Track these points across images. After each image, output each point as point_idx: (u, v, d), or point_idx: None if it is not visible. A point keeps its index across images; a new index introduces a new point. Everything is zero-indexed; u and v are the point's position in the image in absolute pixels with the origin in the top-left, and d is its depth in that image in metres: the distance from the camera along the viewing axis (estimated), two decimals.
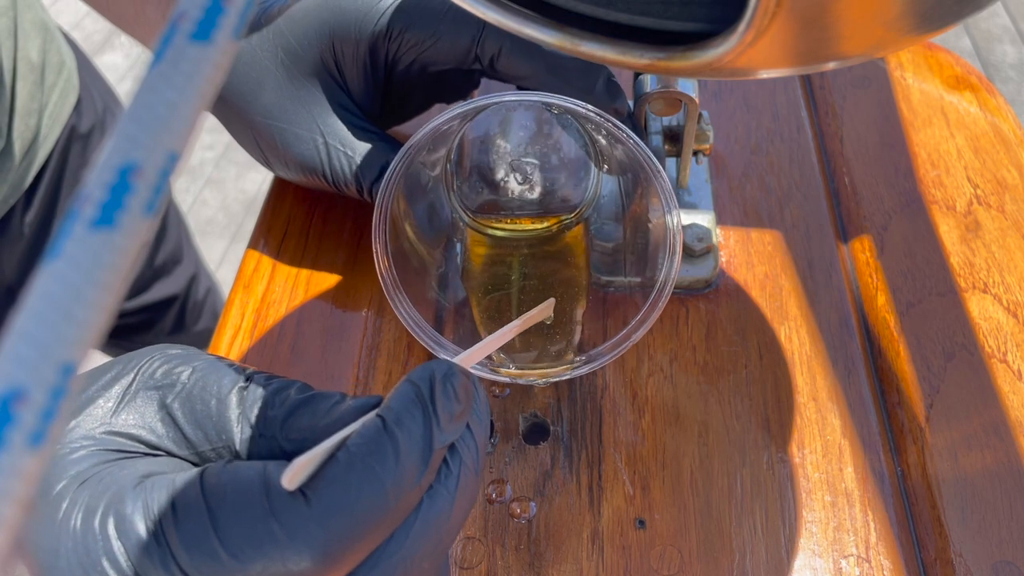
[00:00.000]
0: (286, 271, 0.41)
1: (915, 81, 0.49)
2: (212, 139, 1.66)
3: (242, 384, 0.24)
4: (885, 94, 0.49)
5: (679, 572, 0.31)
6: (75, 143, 0.58)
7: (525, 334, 0.33)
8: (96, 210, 0.11)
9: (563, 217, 0.38)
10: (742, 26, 0.17)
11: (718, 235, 0.41)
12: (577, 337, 0.34)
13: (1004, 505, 0.33)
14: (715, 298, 0.39)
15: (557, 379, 0.32)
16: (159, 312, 0.71)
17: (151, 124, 0.11)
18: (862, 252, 0.41)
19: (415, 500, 0.22)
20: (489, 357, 0.32)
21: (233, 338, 0.38)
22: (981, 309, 0.39)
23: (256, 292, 0.40)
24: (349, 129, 0.38)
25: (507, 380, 0.32)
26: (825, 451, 0.35)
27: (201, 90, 0.12)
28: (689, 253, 0.39)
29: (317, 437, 0.22)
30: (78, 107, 0.58)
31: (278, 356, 0.38)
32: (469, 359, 0.26)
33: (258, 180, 1.60)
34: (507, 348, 0.33)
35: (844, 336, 0.38)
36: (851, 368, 0.37)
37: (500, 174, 0.37)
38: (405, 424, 0.21)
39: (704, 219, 0.41)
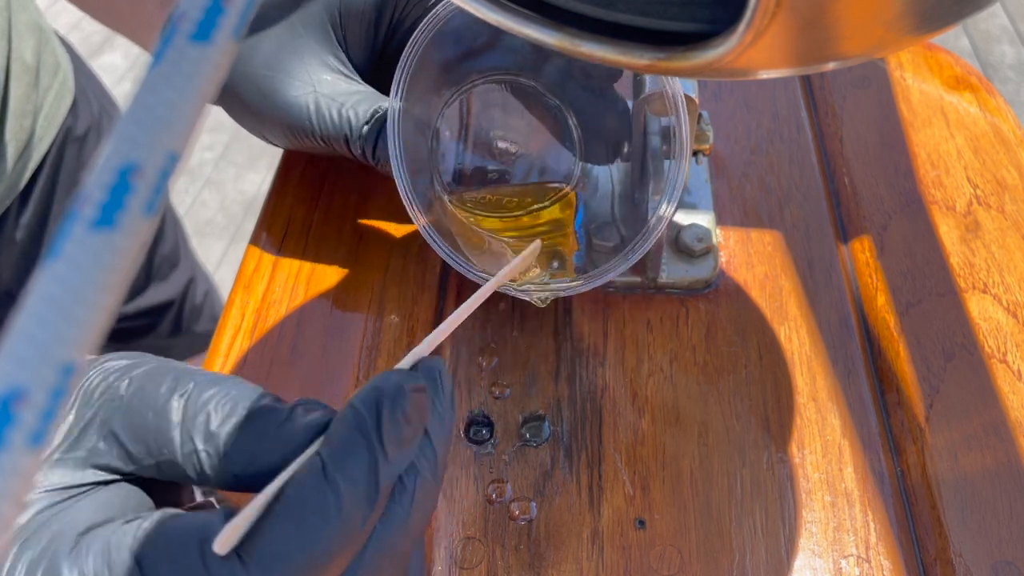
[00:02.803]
0: (286, 271, 0.41)
1: (915, 81, 0.49)
2: (211, 140, 1.66)
3: (181, 392, 0.23)
4: (885, 94, 0.49)
5: (679, 572, 0.31)
6: (70, 145, 0.58)
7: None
8: (96, 211, 0.11)
9: (548, 196, 0.39)
10: (742, 26, 0.17)
11: (718, 235, 0.41)
12: (573, 246, 0.37)
13: (1004, 505, 0.33)
14: (715, 298, 0.39)
15: (564, 294, 0.34)
16: (156, 316, 0.71)
17: (151, 124, 0.11)
18: (862, 252, 0.41)
19: (364, 537, 0.21)
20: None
21: (233, 338, 0.38)
22: (981, 309, 0.39)
23: (256, 292, 0.40)
24: (344, 85, 0.38)
25: (507, 291, 0.34)
26: (825, 451, 0.35)
27: (201, 90, 0.12)
28: (689, 253, 0.39)
29: (261, 456, 0.21)
30: (74, 109, 0.58)
31: (278, 356, 0.38)
32: (466, 310, 0.27)
33: (257, 181, 1.60)
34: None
35: (844, 336, 0.38)
36: (851, 368, 0.37)
37: (477, 153, 0.39)
38: (347, 467, 0.20)
39: (704, 219, 0.41)
